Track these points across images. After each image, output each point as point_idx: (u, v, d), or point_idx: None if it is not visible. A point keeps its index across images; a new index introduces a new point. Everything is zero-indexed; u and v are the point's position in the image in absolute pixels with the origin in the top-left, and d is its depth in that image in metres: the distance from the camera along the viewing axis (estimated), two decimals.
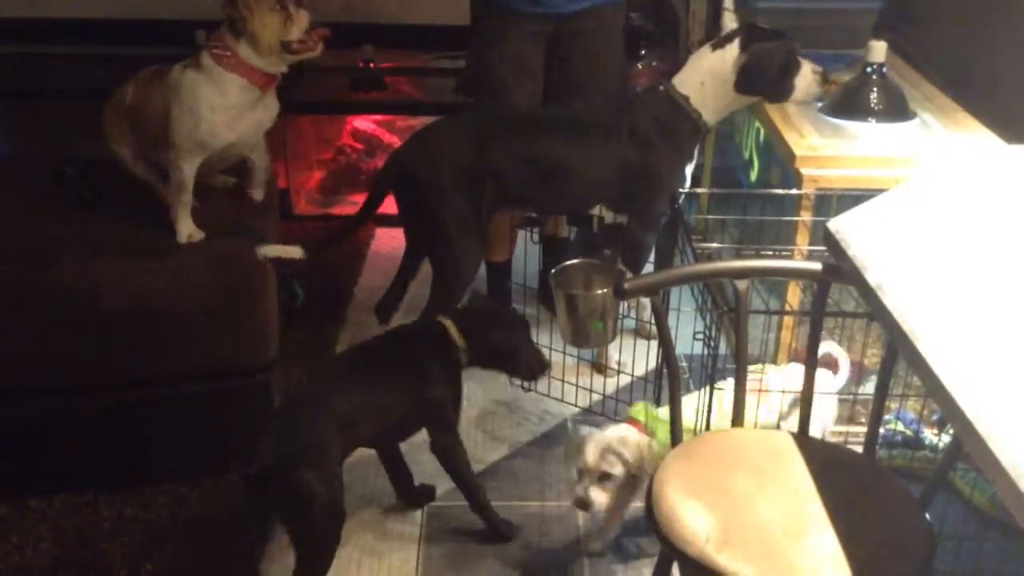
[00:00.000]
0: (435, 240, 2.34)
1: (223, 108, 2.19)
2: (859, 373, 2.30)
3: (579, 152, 2.34)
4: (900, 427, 2.25)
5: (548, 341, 2.54)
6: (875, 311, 1.35)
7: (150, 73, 2.31)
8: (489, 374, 2.16)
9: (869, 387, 2.26)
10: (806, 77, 2.28)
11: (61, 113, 3.33)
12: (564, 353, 2.51)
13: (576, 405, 2.55)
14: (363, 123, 3.70)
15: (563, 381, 2.54)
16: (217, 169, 2.43)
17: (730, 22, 2.33)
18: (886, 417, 2.22)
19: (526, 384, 2.57)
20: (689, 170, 2.39)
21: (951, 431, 2.00)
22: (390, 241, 3.37)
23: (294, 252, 2.29)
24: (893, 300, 1.31)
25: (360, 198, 3.57)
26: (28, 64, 3.53)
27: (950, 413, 1.13)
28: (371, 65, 3.54)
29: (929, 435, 2.23)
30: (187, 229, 2.24)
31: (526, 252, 2.69)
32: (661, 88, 2.36)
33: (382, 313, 2.59)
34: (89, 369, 2.12)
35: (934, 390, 1.17)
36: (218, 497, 2.18)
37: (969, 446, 1.09)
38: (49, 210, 2.36)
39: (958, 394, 1.12)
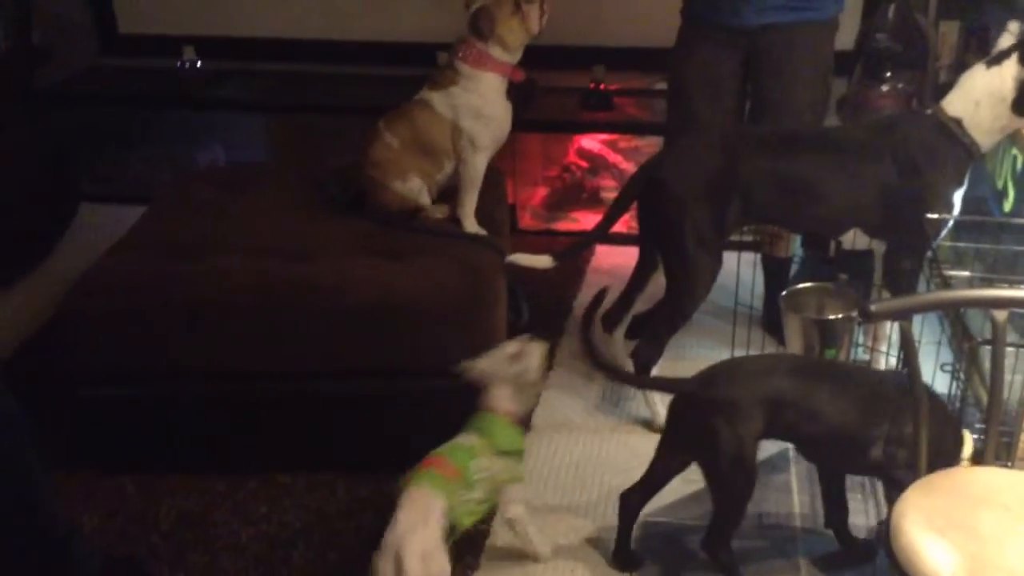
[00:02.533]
0: (673, 252, 2.35)
1: (496, 103, 2.49)
2: None
3: (835, 174, 2.28)
4: None
5: None
6: None
7: (395, 114, 2.55)
8: None
9: None
10: None
11: (318, 127, 3.63)
12: None
13: None
14: (589, 142, 3.78)
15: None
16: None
17: (1006, 42, 2.18)
18: None
19: None
20: (958, 197, 2.27)
21: None
22: (609, 258, 3.42)
23: (543, 262, 2.44)
24: None
25: (582, 215, 3.70)
26: (289, 81, 3.84)
27: None
28: (601, 86, 3.62)
29: None
30: (473, 223, 2.51)
31: (754, 274, 2.65)
32: (929, 111, 2.27)
33: (608, 323, 2.63)
34: (336, 358, 2.27)
35: None
36: None
37: None
38: (309, 213, 2.58)
39: None
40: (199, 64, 3.78)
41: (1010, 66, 2.15)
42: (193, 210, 2.62)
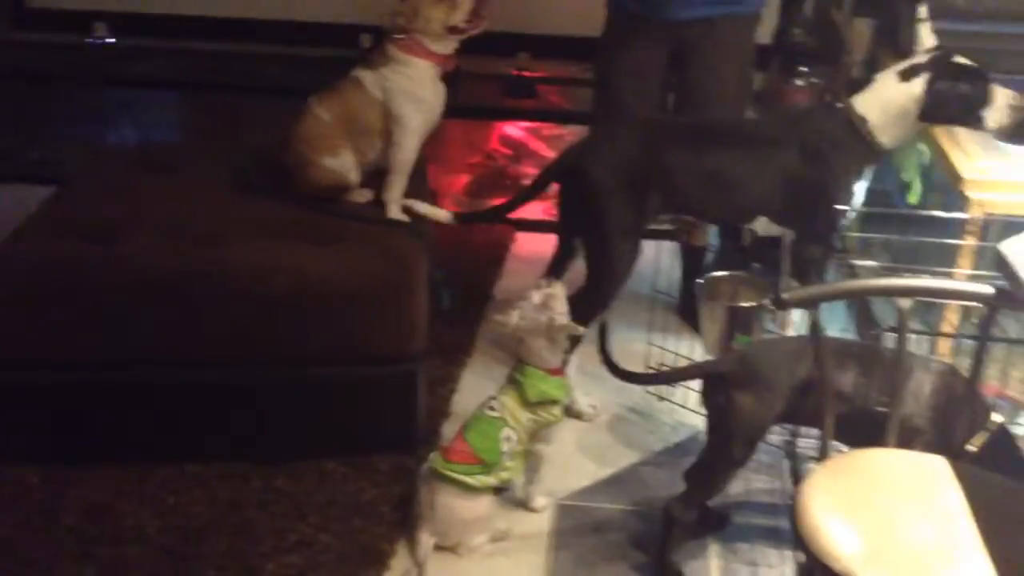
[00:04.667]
0: (595, 240, 2.37)
1: (427, 87, 2.50)
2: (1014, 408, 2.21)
3: (745, 163, 2.33)
4: None
5: (688, 351, 2.54)
6: None
7: (328, 90, 2.52)
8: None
9: None
10: (1001, 109, 2.17)
11: (234, 107, 3.54)
12: None
13: None
14: (512, 129, 3.79)
15: (700, 392, 2.53)
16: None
17: (927, 39, 2.23)
18: None
19: (661, 393, 2.58)
20: (859, 188, 2.33)
21: None
22: (529, 246, 3.43)
23: (442, 215, 2.52)
24: None
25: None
26: (205, 60, 3.74)
27: None
28: (524, 74, 3.63)
29: None
30: (397, 209, 2.50)
31: (672, 263, 2.69)
32: (839, 106, 2.32)
33: None
34: (252, 345, 2.23)
35: None
36: (360, 477, 2.26)
37: None
38: (226, 195, 2.52)
39: None
40: (111, 41, 3.66)
41: (917, 86, 2.20)
42: (105, 191, 2.54)
